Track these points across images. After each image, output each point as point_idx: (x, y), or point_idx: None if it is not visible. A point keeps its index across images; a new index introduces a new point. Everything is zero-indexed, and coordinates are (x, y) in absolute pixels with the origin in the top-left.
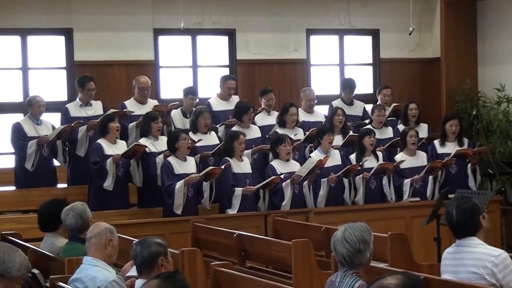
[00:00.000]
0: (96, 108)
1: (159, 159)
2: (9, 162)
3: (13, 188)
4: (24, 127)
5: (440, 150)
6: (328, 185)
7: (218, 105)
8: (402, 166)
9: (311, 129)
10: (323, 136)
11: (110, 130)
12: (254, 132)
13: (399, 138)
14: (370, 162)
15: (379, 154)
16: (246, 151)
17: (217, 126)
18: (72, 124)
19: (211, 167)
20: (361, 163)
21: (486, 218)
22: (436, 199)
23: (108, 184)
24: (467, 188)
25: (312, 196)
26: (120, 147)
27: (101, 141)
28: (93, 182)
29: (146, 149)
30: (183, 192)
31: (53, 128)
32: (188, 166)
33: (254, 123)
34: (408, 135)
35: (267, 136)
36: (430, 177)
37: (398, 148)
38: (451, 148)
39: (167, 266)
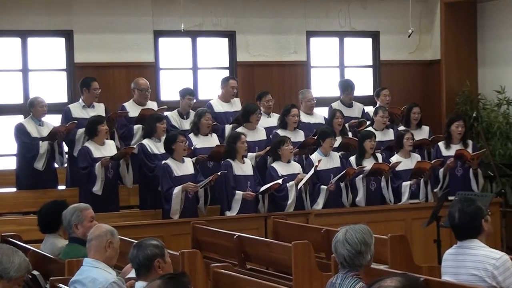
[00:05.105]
0: (99, 110)
1: None
2: (9, 163)
3: (13, 189)
4: (27, 128)
5: (445, 152)
6: (327, 193)
7: (219, 107)
8: (398, 168)
9: (308, 138)
10: (325, 139)
11: (99, 132)
12: (259, 134)
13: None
14: (370, 165)
15: (379, 156)
16: (250, 154)
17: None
18: (67, 125)
19: (209, 178)
20: (357, 167)
21: (488, 221)
22: (436, 201)
23: (97, 188)
24: (472, 191)
25: (308, 199)
26: (108, 149)
27: (89, 144)
28: (83, 185)
29: (149, 150)
30: (181, 198)
31: None
32: (186, 168)
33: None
34: (405, 138)
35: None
36: (421, 180)
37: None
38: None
39: (164, 267)
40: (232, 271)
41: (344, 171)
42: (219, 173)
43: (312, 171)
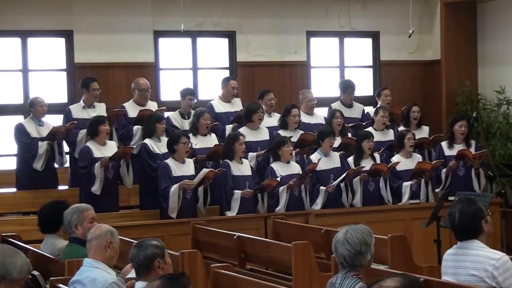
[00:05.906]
0: (100, 110)
1: None
2: (9, 163)
3: (14, 189)
4: (27, 128)
5: (447, 152)
6: (326, 194)
7: (220, 107)
8: (398, 168)
9: (307, 133)
10: (324, 139)
11: (100, 132)
12: (262, 134)
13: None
14: (368, 165)
15: (377, 156)
16: (251, 154)
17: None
18: (67, 125)
19: (204, 170)
20: (356, 168)
21: (489, 222)
22: (437, 201)
23: (96, 188)
24: (473, 191)
25: (309, 200)
26: (109, 149)
27: (90, 143)
28: (83, 185)
29: (151, 149)
30: (178, 195)
31: None
32: (186, 168)
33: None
34: (406, 138)
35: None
36: (422, 181)
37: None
38: (459, 150)
39: (164, 268)
40: (232, 271)
41: (345, 173)
42: (216, 170)
43: (305, 170)
